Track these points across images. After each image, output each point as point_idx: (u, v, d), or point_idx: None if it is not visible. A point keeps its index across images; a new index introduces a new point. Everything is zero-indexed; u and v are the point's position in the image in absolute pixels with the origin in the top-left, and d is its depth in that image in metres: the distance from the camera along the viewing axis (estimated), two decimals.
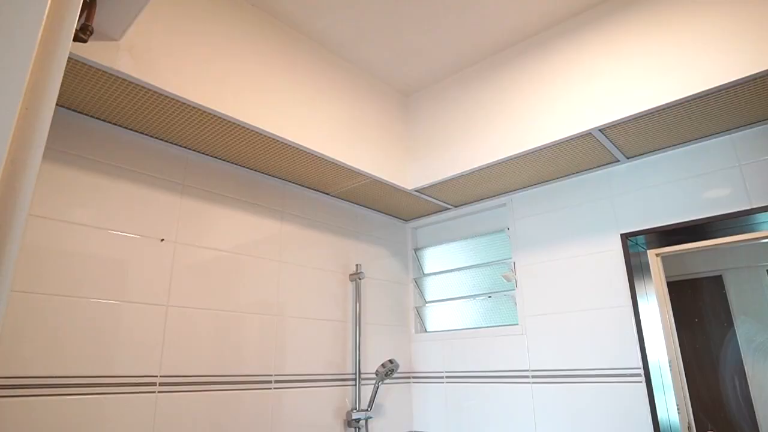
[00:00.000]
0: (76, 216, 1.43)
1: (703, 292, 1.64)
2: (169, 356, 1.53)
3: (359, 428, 2.05)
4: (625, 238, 1.75)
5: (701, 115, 1.54)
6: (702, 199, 1.67)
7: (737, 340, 1.54)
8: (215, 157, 1.80)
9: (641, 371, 1.66)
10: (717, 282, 1.61)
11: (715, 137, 1.68)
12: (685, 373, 1.61)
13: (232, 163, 1.85)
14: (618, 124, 1.59)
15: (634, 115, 1.53)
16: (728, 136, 1.66)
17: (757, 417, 1.47)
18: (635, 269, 1.72)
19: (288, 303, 1.92)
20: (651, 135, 1.66)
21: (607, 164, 1.90)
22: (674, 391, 1.61)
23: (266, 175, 1.97)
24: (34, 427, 1.25)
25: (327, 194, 2.19)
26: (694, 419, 1.57)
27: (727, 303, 1.58)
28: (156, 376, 1.49)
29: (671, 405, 1.61)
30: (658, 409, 1.58)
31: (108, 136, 1.55)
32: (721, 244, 1.60)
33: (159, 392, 1.49)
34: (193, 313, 1.62)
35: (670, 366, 1.63)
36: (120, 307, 1.46)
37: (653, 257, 1.73)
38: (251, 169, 1.91)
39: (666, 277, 1.69)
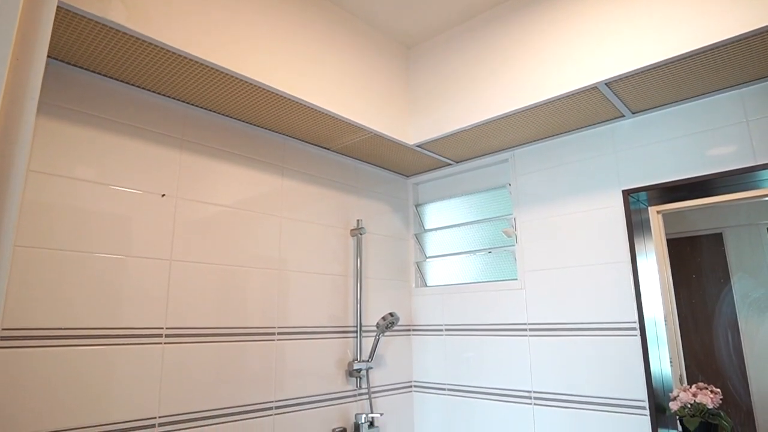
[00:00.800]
0: (76, 172, 1.42)
1: (702, 249, 1.65)
2: (174, 309, 1.57)
3: (360, 378, 2.12)
4: (627, 194, 1.74)
5: (710, 69, 1.50)
6: (706, 155, 1.65)
7: (733, 297, 1.56)
8: (214, 112, 1.78)
9: (637, 325, 1.69)
10: (716, 240, 1.62)
11: (723, 92, 1.65)
12: (680, 328, 1.65)
13: (231, 117, 1.83)
14: (625, 77, 1.55)
15: (642, 68, 1.49)
16: (737, 91, 1.63)
17: (746, 368, 1.51)
18: (635, 226, 1.72)
19: (290, 258, 1.94)
20: (658, 89, 1.63)
21: (611, 119, 1.87)
22: (668, 345, 1.65)
23: (266, 130, 1.95)
24: (47, 377, 1.29)
25: (328, 149, 2.18)
26: (686, 371, 1.62)
27: (726, 260, 1.59)
28: (162, 328, 1.53)
29: (664, 358, 1.65)
30: (652, 362, 1.62)
31: (104, 90, 1.52)
32: (723, 201, 1.59)
33: (165, 343, 1.53)
34: (196, 267, 1.64)
35: (665, 321, 1.66)
36: (124, 262, 1.48)
37: (654, 214, 1.73)
38: (251, 123, 1.89)
39: (666, 234, 1.70)
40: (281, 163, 1.99)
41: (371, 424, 2.07)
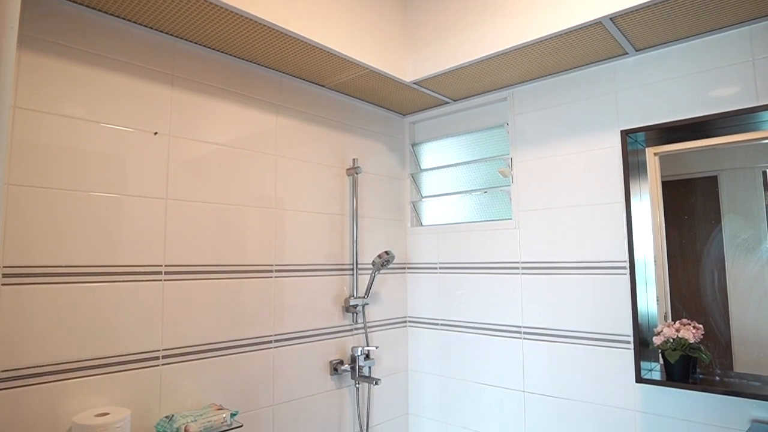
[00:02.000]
0: (66, 109, 1.39)
1: (696, 191, 1.66)
2: (171, 247, 1.58)
3: (356, 313, 2.18)
4: (625, 134, 1.72)
5: (721, 1, 1.45)
6: (708, 96, 1.62)
7: (722, 238, 1.59)
8: (205, 46, 1.71)
9: (626, 264, 1.73)
10: (711, 182, 1.62)
11: (731, 29, 1.60)
12: (669, 268, 1.69)
13: (223, 53, 1.77)
14: (630, 12, 1.50)
15: (649, 1, 1.44)
16: (746, 27, 1.57)
17: (729, 306, 1.57)
18: (632, 167, 1.72)
19: (286, 197, 1.95)
20: (665, 25, 1.57)
21: (614, 57, 1.82)
22: (656, 284, 1.70)
23: (260, 66, 1.89)
24: (50, 313, 1.32)
25: (323, 86, 2.12)
26: (671, 309, 1.68)
27: (718, 202, 1.60)
28: (161, 266, 1.56)
29: (651, 296, 1.70)
30: (639, 300, 1.67)
31: (90, 22, 1.46)
32: (720, 144, 1.58)
33: (165, 280, 1.56)
34: (192, 206, 1.65)
35: (654, 261, 1.70)
36: (120, 201, 1.48)
37: (651, 156, 1.72)
38: (244, 59, 1.83)
39: (661, 176, 1.70)
40: (276, 100, 1.94)
41: (367, 357, 2.15)
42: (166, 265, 1.57)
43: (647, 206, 1.72)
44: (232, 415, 1.58)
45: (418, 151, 2.55)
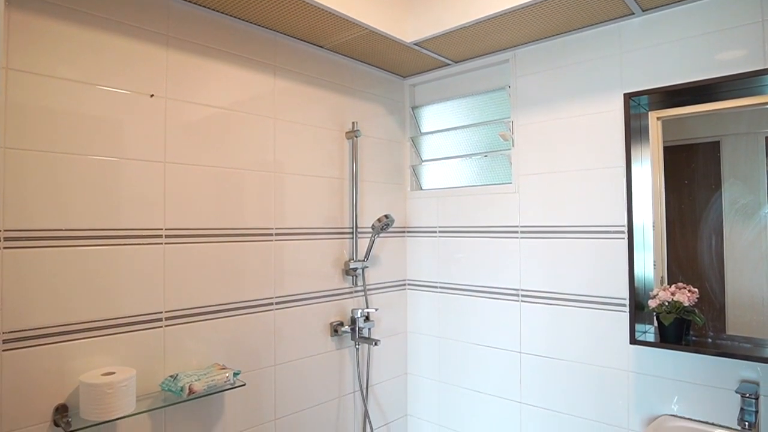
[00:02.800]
0: (60, 71, 1.36)
1: (698, 156, 1.65)
2: (171, 210, 1.59)
3: (356, 276, 2.21)
4: (628, 98, 1.70)
5: None
6: (715, 58, 1.59)
7: (721, 203, 1.59)
8: (201, 6, 1.67)
9: (625, 229, 1.74)
10: (713, 147, 1.61)
11: None
12: (667, 232, 1.69)
13: (219, 12, 1.72)
14: None
15: None
16: None
17: (724, 270, 1.58)
18: (633, 132, 1.70)
19: (285, 160, 1.94)
20: None
21: (619, 17, 1.77)
22: (653, 248, 1.71)
23: (256, 26, 1.84)
24: (53, 276, 1.34)
25: (321, 47, 2.08)
26: (668, 273, 1.69)
27: (719, 168, 1.59)
28: (161, 229, 1.56)
29: (648, 261, 1.72)
30: (636, 265, 1.69)
31: None
32: (724, 108, 1.56)
33: (166, 243, 1.57)
34: (191, 169, 1.64)
35: (653, 226, 1.71)
36: (118, 164, 1.47)
37: (653, 120, 1.70)
38: (239, 18, 1.78)
39: (663, 141, 1.69)
40: (273, 62, 1.91)
41: (367, 318, 2.19)
42: (166, 229, 1.57)
43: (648, 171, 1.71)
44: (235, 374, 1.62)
45: (419, 114, 2.52)
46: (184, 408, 1.60)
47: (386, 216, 2.12)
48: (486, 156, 2.25)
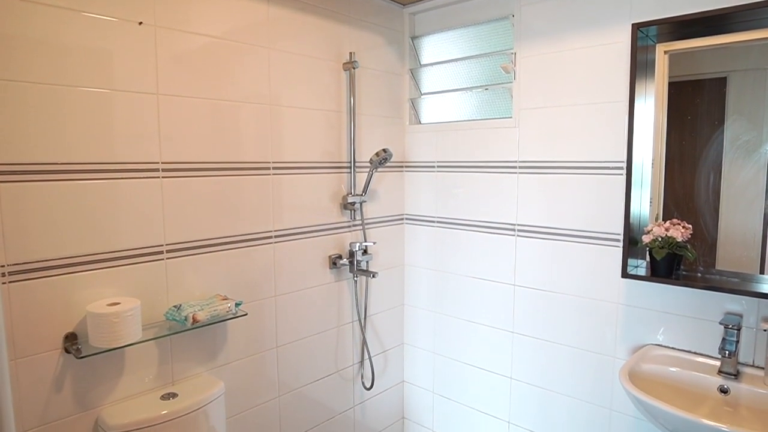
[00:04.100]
0: None
1: (703, 92, 1.61)
2: (167, 144, 1.57)
3: (354, 210, 2.22)
4: (636, 28, 1.63)
5: None
6: None
7: (723, 139, 1.57)
8: None
9: (624, 165, 1.73)
10: (720, 83, 1.57)
11: None
12: (665, 169, 1.69)
13: None
14: None
15: None
16: None
17: (719, 207, 1.60)
18: (639, 66, 1.65)
19: (281, 93, 1.89)
20: None
21: None
22: (651, 185, 1.71)
23: None
24: (52, 210, 1.34)
25: None
26: (663, 210, 1.71)
27: (724, 104, 1.56)
28: (158, 162, 1.55)
29: (645, 198, 1.73)
30: (632, 201, 1.69)
31: None
32: (736, 42, 1.51)
33: (163, 177, 1.57)
34: (185, 102, 1.60)
35: (652, 162, 1.70)
36: (110, 96, 1.43)
37: (660, 54, 1.65)
38: None
39: (669, 76, 1.64)
40: None
41: (365, 252, 2.23)
42: (162, 162, 1.56)
43: (650, 107, 1.68)
44: (237, 304, 1.68)
45: (418, 45, 2.43)
46: (189, 336, 1.67)
47: (384, 150, 2.10)
48: (487, 89, 2.20)
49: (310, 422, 2.14)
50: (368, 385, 2.38)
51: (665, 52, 1.64)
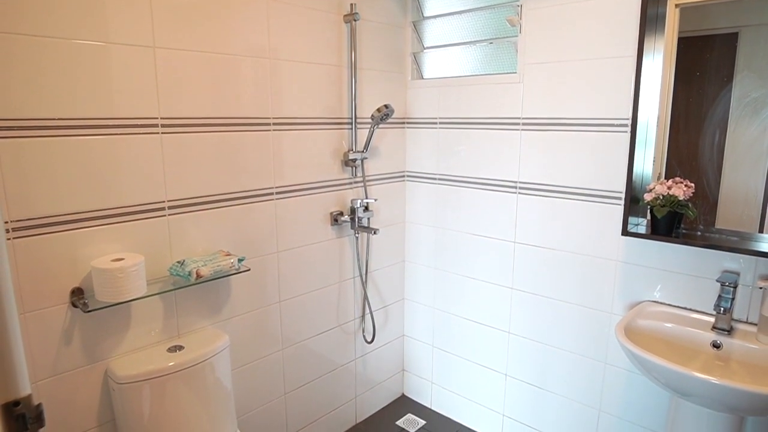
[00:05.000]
0: None
1: (714, 48, 1.57)
2: (165, 99, 1.54)
3: (356, 167, 2.21)
4: None
5: None
6: None
7: (731, 97, 1.55)
8: None
9: (629, 123, 1.71)
10: (731, 39, 1.52)
11: None
12: (670, 127, 1.67)
13: None
14: None
15: None
16: None
17: (723, 166, 1.59)
18: (649, 20, 1.60)
19: (280, 46, 1.84)
20: None
21: None
22: (655, 144, 1.69)
23: None
24: (52, 166, 1.33)
25: None
26: (666, 168, 1.70)
27: (734, 60, 1.52)
28: (156, 118, 1.53)
29: (648, 157, 1.71)
30: (636, 159, 1.68)
31: None
32: None
33: (162, 133, 1.55)
34: (182, 55, 1.57)
35: (657, 120, 1.67)
36: (105, 49, 1.40)
37: (671, 7, 1.59)
38: None
39: (679, 31, 1.59)
40: None
41: (366, 208, 2.24)
42: (161, 118, 1.54)
43: (658, 63, 1.64)
44: (240, 260, 1.69)
45: None
46: (194, 291, 1.69)
47: (386, 106, 2.07)
48: (491, 43, 2.14)
49: (312, 374, 2.21)
50: (369, 339, 2.44)
51: (676, 6, 1.59)
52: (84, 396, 1.48)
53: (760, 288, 1.53)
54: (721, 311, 1.55)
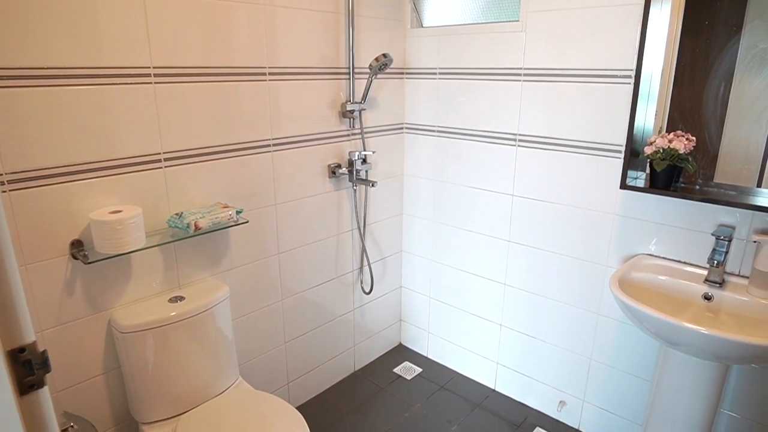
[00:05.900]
0: None
1: None
2: (157, 48, 1.50)
3: (353, 119, 2.18)
4: None
5: None
6: None
7: (738, 47, 1.50)
8: None
9: (632, 74, 1.67)
10: None
11: None
12: (675, 78, 1.63)
13: None
14: None
15: None
16: None
17: (725, 119, 1.57)
18: None
19: None
20: None
21: None
22: (658, 97, 1.66)
23: None
24: (46, 118, 1.31)
25: None
26: (669, 121, 1.67)
27: (744, 9, 1.47)
28: (149, 68, 1.49)
29: (650, 110, 1.68)
30: (638, 112, 1.65)
31: None
32: None
33: (155, 83, 1.51)
34: (173, 1, 1.51)
35: (662, 72, 1.64)
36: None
37: None
38: None
39: None
40: None
41: (364, 161, 2.22)
42: (154, 68, 1.50)
43: (666, 12, 1.59)
44: (238, 212, 1.70)
45: None
46: (193, 243, 1.71)
47: (384, 55, 2.02)
48: None
49: (312, 324, 2.26)
50: (367, 290, 2.48)
51: None
52: (89, 345, 1.51)
53: (755, 242, 1.55)
54: (714, 264, 1.57)
